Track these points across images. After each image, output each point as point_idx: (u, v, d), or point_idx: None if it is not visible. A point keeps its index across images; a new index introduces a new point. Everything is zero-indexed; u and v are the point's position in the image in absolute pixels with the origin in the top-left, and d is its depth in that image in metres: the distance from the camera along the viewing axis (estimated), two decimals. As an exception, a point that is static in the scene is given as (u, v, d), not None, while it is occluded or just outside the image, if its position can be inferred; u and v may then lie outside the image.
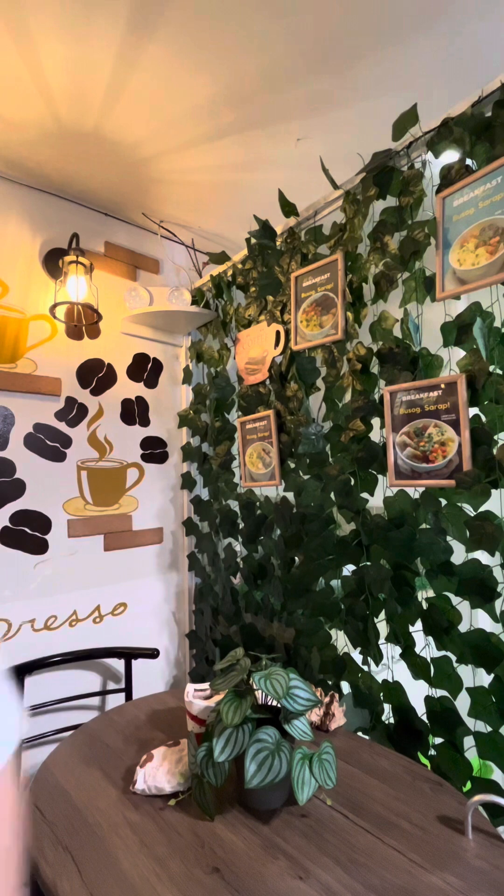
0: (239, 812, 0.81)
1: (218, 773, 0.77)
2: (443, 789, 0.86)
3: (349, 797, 0.84)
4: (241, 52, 1.24)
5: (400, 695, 1.18)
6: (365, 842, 0.74)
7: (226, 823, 0.78)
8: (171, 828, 0.77)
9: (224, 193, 1.83)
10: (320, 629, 1.37)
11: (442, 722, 1.10)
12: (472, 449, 1.02)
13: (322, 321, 1.36)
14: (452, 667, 1.09)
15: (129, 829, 0.77)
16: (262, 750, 0.76)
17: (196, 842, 0.74)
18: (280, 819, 0.79)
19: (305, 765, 0.76)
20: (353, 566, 1.29)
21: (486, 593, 1.01)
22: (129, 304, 1.88)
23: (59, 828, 0.77)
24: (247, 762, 0.74)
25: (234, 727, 0.77)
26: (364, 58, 1.26)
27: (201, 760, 0.77)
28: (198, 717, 0.90)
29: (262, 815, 0.80)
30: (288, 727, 0.79)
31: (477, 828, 0.75)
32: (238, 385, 1.75)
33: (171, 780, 0.85)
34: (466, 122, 1.05)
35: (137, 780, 0.85)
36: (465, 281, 1.02)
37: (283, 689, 0.77)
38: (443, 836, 0.74)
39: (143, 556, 1.97)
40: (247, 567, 1.66)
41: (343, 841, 0.74)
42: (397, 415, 1.15)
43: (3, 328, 1.65)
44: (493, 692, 1.00)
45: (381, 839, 0.74)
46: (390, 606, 1.19)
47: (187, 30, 1.18)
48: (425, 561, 1.12)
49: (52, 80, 1.31)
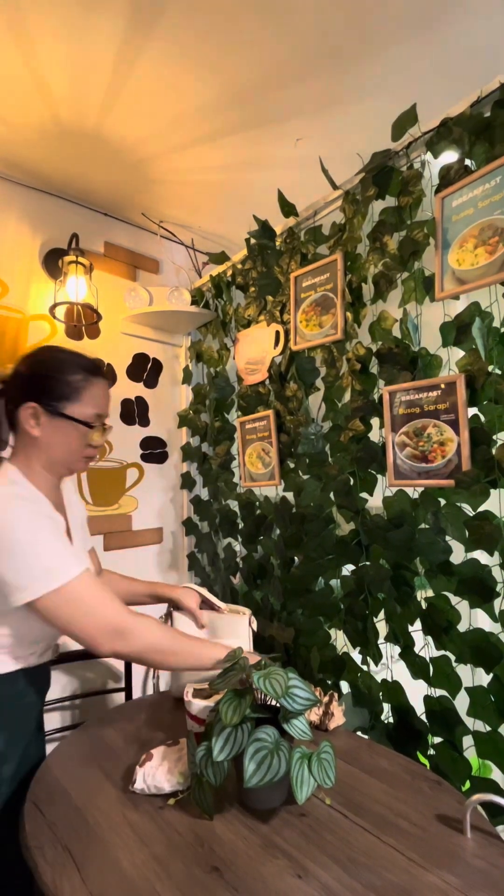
0: (238, 811, 0.81)
1: (217, 772, 0.76)
2: (442, 788, 0.86)
3: (348, 796, 0.84)
4: (241, 53, 1.24)
5: (399, 694, 1.18)
6: (364, 841, 0.74)
7: (225, 823, 0.78)
8: (170, 827, 0.77)
9: (224, 193, 1.83)
10: (319, 629, 1.37)
11: (441, 721, 1.10)
12: (471, 449, 1.02)
13: (321, 321, 1.36)
14: (451, 666, 1.09)
15: (129, 828, 0.77)
16: (262, 749, 0.76)
17: (195, 841, 0.74)
18: (279, 818, 0.79)
19: (304, 764, 0.76)
20: (352, 566, 1.29)
21: (485, 593, 1.01)
22: (128, 304, 1.88)
23: (59, 827, 0.77)
24: (246, 761, 0.74)
25: (234, 726, 0.77)
26: (364, 58, 1.27)
27: (200, 760, 0.77)
28: (197, 717, 0.89)
29: (262, 814, 0.80)
30: (287, 726, 0.79)
31: (476, 827, 0.75)
32: (238, 385, 1.75)
33: (170, 780, 0.85)
34: (465, 122, 1.05)
35: (137, 780, 0.85)
36: (464, 281, 1.02)
37: (283, 688, 0.77)
38: (442, 836, 0.74)
39: (143, 555, 1.98)
40: (246, 567, 1.66)
41: (342, 840, 0.74)
42: (397, 415, 1.15)
43: (3, 328, 1.65)
44: (491, 692, 1.00)
45: (379, 838, 0.74)
46: (389, 606, 1.18)
47: (187, 30, 1.18)
48: (424, 560, 1.12)
49: (51, 80, 1.31)
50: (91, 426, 0.92)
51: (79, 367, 0.92)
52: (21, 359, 0.95)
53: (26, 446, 0.92)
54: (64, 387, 0.90)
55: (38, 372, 0.92)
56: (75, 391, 0.90)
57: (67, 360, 0.93)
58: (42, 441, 0.90)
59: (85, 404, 0.91)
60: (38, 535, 0.83)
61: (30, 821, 0.79)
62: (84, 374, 0.92)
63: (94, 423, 0.93)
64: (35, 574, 0.81)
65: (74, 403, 0.90)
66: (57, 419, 0.89)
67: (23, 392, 0.91)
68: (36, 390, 0.90)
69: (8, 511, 0.83)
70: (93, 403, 0.92)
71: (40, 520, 0.86)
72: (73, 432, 0.91)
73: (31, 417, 0.89)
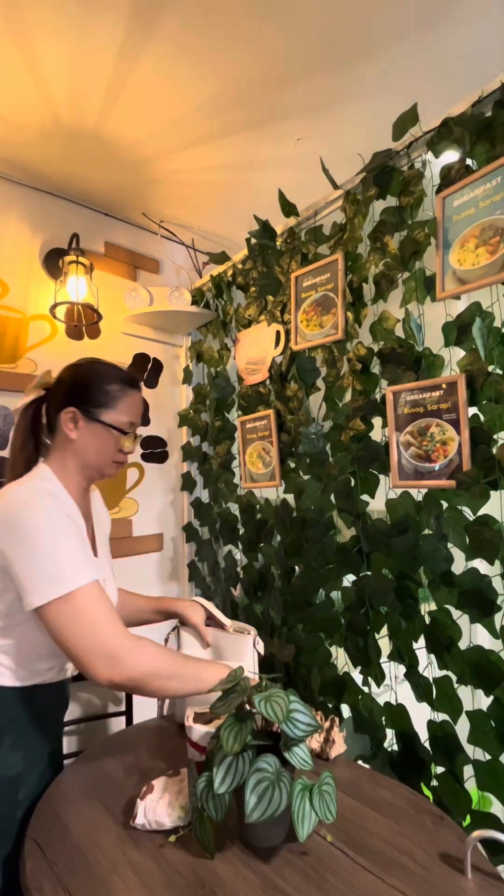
0: (239, 849, 0.78)
1: (218, 805, 0.72)
2: (444, 824, 0.82)
3: (350, 833, 0.80)
4: (241, 52, 1.24)
5: (403, 719, 1.12)
6: (366, 882, 0.71)
7: (225, 862, 0.76)
8: (171, 867, 0.75)
9: (224, 193, 1.83)
10: (320, 646, 1.31)
11: (443, 749, 1.03)
12: (471, 448, 1.01)
13: (322, 321, 1.36)
14: (453, 688, 1.03)
15: (129, 868, 0.74)
16: (263, 780, 0.71)
17: (196, 881, 0.72)
18: (280, 857, 0.76)
19: (306, 797, 0.72)
20: (353, 576, 1.23)
21: (485, 606, 0.95)
22: (129, 304, 1.87)
23: (59, 867, 0.75)
24: (247, 794, 0.70)
25: (235, 755, 0.73)
26: (364, 58, 1.26)
27: (201, 792, 0.73)
28: (198, 744, 0.87)
29: (262, 852, 0.77)
30: (288, 755, 0.74)
31: (477, 867, 0.72)
32: (238, 385, 1.75)
33: (171, 814, 0.82)
34: (466, 122, 1.05)
35: (138, 814, 0.83)
36: (465, 281, 1.02)
37: (284, 712, 0.73)
38: (444, 876, 0.71)
39: (144, 564, 1.96)
40: (247, 577, 1.63)
41: (344, 881, 0.71)
42: (401, 414, 1.15)
43: (3, 328, 1.65)
44: (491, 716, 0.95)
45: (382, 879, 0.71)
46: (393, 621, 1.12)
47: (187, 30, 1.18)
48: (427, 570, 1.07)
49: (52, 80, 1.31)
50: (125, 433, 0.99)
51: (116, 379, 0.99)
52: (65, 368, 1.02)
53: (63, 449, 0.98)
54: (102, 395, 0.97)
55: (79, 381, 0.99)
56: (112, 400, 0.98)
57: (107, 371, 1.00)
58: (78, 444, 0.97)
59: (120, 412, 0.98)
60: (59, 535, 0.84)
61: (30, 859, 0.76)
62: (121, 385, 0.99)
63: (127, 430, 0.99)
64: (50, 574, 0.81)
65: (110, 411, 0.97)
66: (93, 424, 0.96)
67: (64, 398, 0.98)
68: (76, 397, 0.97)
69: (36, 506, 0.85)
70: (127, 412, 0.99)
71: (65, 520, 0.87)
72: (108, 437, 0.97)
73: (70, 421, 0.96)
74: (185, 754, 0.99)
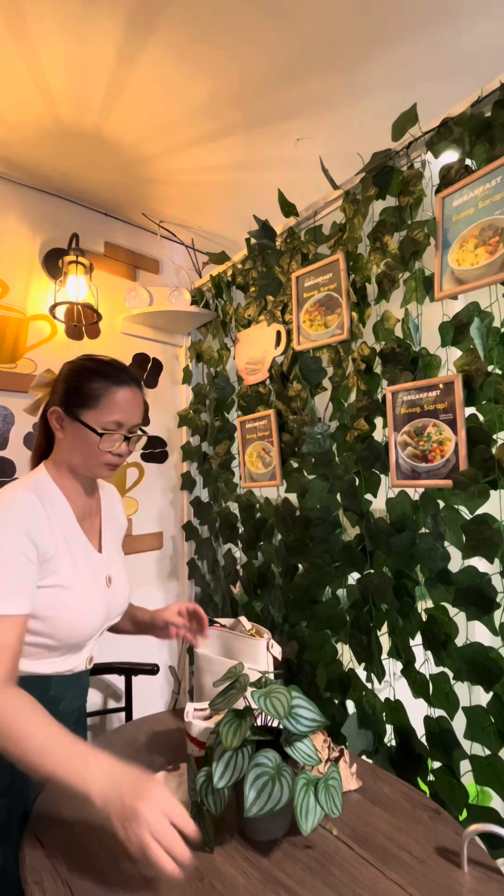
0: (238, 843, 0.78)
1: (217, 800, 0.73)
2: (440, 818, 0.83)
3: (353, 826, 0.81)
4: (241, 52, 1.24)
5: (401, 715, 1.14)
6: (368, 875, 0.71)
7: (225, 855, 0.76)
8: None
9: (224, 193, 1.83)
10: (326, 643, 1.30)
11: (440, 745, 1.04)
12: (469, 448, 1.01)
13: (327, 321, 1.35)
14: (450, 684, 1.04)
15: (129, 861, 0.74)
16: (262, 775, 0.72)
17: (196, 875, 0.72)
18: (281, 850, 0.76)
19: (310, 791, 0.71)
20: (357, 574, 1.24)
21: (484, 604, 0.95)
22: (128, 304, 1.88)
23: (58, 860, 0.75)
24: (246, 788, 0.70)
25: (234, 750, 0.73)
26: (364, 58, 1.26)
27: (200, 787, 0.73)
28: (197, 740, 0.87)
29: (263, 846, 0.77)
30: (290, 750, 0.74)
31: (475, 860, 0.73)
32: (238, 385, 1.75)
33: None
34: (466, 122, 1.05)
35: None
36: (463, 281, 1.02)
37: (285, 708, 0.72)
38: (441, 870, 0.72)
39: (144, 563, 1.96)
40: (246, 575, 1.63)
41: (347, 874, 0.71)
42: (399, 414, 1.15)
43: (3, 328, 1.65)
44: (491, 712, 0.94)
45: (383, 872, 0.72)
46: (392, 618, 1.13)
47: (187, 30, 1.18)
48: (424, 569, 1.08)
49: (51, 80, 1.31)
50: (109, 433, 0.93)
51: (101, 377, 0.94)
52: (62, 366, 1.01)
53: (59, 449, 0.98)
54: (83, 394, 0.93)
55: (62, 379, 0.97)
56: (93, 399, 0.93)
57: (91, 368, 0.96)
58: (65, 444, 0.96)
59: (103, 412, 0.93)
60: (6, 556, 0.82)
61: (29, 853, 0.77)
62: (105, 383, 0.94)
63: (110, 431, 0.94)
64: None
65: (92, 410, 0.93)
66: (75, 424, 0.93)
67: (52, 397, 0.98)
68: (60, 396, 0.95)
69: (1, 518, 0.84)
70: (112, 411, 0.93)
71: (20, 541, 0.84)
72: (90, 438, 0.93)
73: (56, 421, 0.95)
74: (185, 749, 0.99)
